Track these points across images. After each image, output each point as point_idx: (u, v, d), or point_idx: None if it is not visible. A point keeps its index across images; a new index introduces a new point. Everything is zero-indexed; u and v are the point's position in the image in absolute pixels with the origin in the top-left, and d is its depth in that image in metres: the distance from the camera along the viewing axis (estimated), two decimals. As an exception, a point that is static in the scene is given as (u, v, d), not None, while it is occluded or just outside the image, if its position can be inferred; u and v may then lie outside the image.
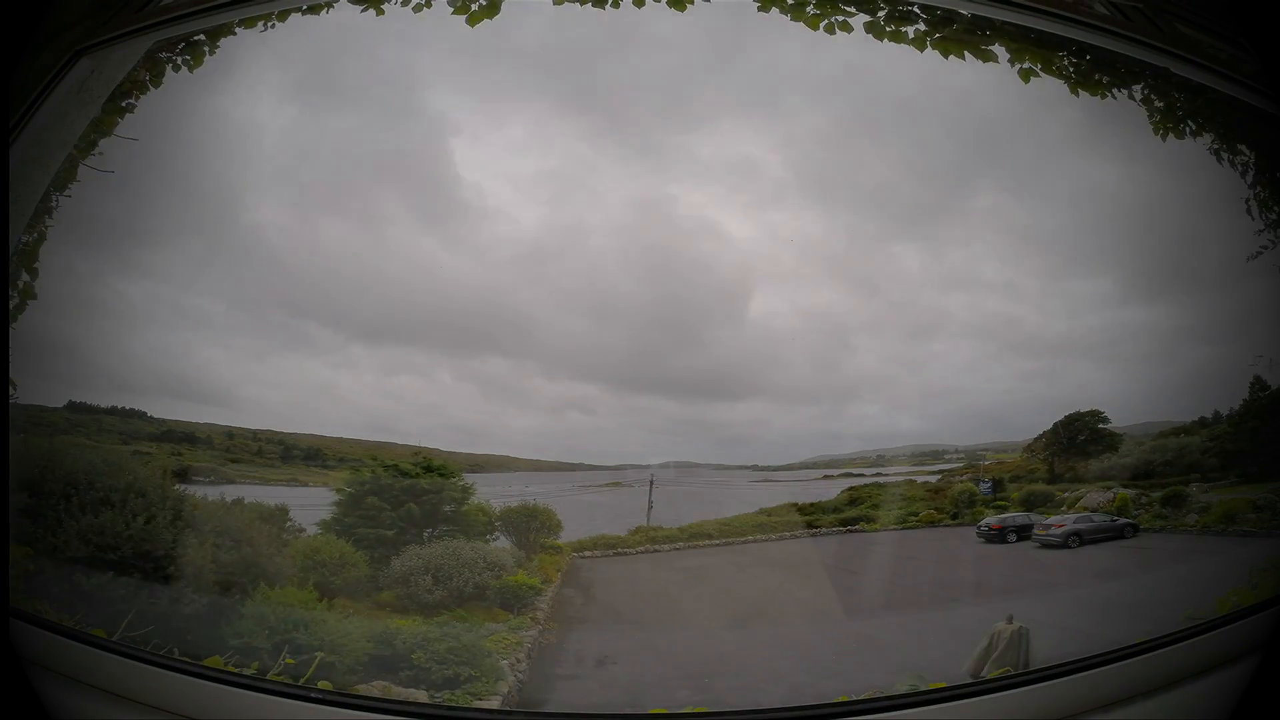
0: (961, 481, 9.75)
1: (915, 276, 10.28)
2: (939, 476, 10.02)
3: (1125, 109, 4.01)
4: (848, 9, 3.71)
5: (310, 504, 7.99)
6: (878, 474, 10.51)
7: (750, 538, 9.56)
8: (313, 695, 2.30)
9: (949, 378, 9.99)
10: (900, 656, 6.39)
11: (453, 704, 5.20)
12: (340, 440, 9.54)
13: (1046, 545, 8.49)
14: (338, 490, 7.99)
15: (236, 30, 3.79)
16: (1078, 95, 3.89)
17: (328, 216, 9.72)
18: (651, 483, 9.75)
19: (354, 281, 9.81)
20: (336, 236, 9.73)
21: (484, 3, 3.62)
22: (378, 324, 10.14)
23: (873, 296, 10.57)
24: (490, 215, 10.26)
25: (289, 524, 7.38)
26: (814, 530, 9.66)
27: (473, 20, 3.67)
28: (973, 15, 3.57)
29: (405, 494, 7.89)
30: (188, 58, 3.87)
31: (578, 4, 3.71)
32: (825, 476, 10.60)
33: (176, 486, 6.42)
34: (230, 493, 7.16)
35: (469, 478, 8.43)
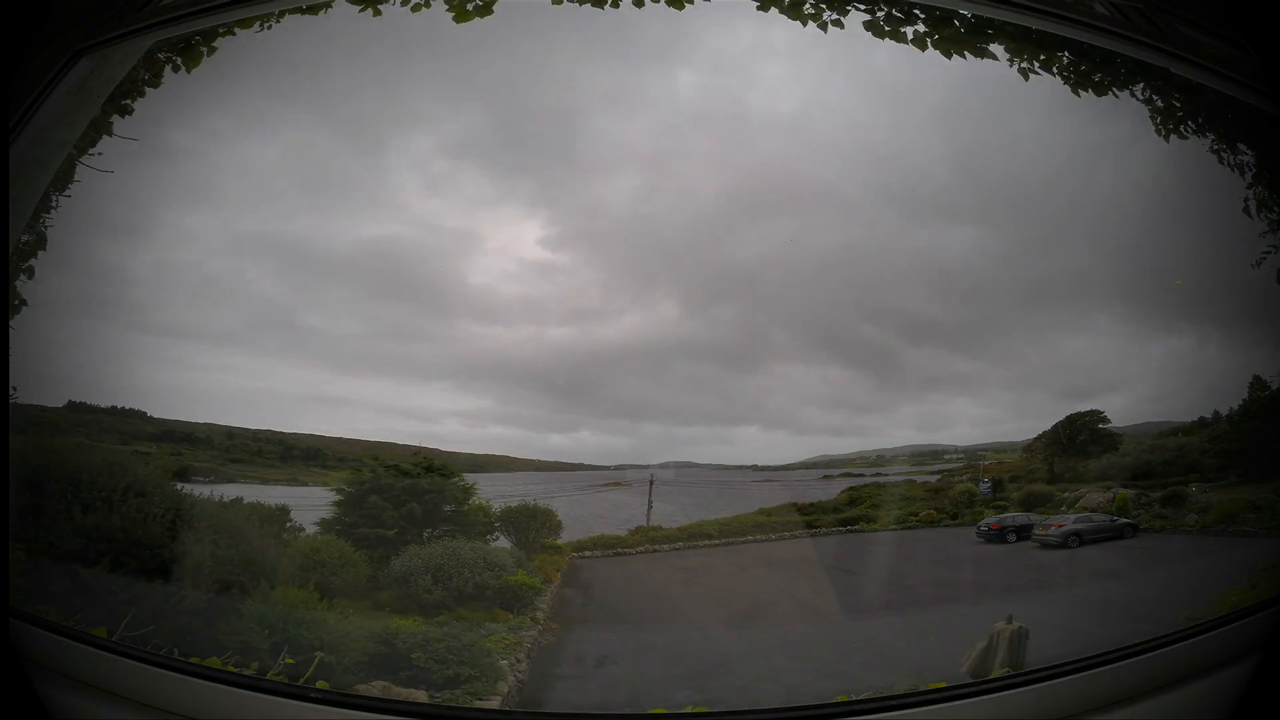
0: (961, 481, 9.76)
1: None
2: (939, 476, 10.02)
3: (1126, 109, 4.03)
4: (846, 8, 3.71)
5: (310, 504, 7.99)
6: (877, 474, 10.51)
7: (750, 538, 9.56)
8: (312, 695, 2.31)
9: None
10: (900, 656, 6.39)
11: (453, 704, 5.20)
12: (340, 440, 9.55)
13: (1046, 545, 8.49)
14: (338, 490, 7.99)
15: (236, 31, 3.79)
16: (1079, 96, 3.89)
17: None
18: (651, 482, 9.76)
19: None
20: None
21: (480, 2, 3.62)
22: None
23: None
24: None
25: (289, 524, 7.38)
26: (814, 530, 9.66)
27: (461, 18, 3.67)
28: (973, 15, 3.57)
29: (407, 494, 7.89)
30: (187, 58, 3.87)
31: (577, 4, 3.71)
32: (825, 476, 10.60)
33: (177, 486, 6.43)
34: (230, 492, 7.16)
35: (469, 477, 8.43)
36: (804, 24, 3.71)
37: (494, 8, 3.65)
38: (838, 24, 3.73)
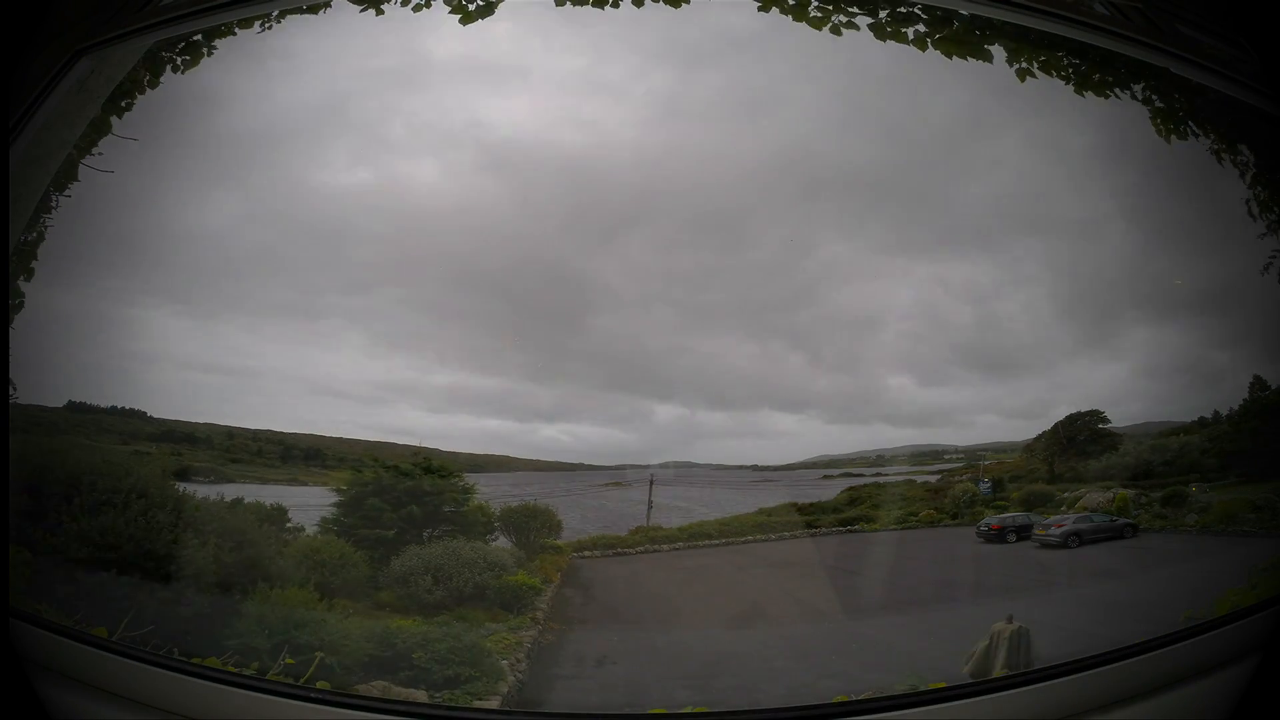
0: (961, 481, 9.75)
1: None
2: (939, 476, 10.01)
3: (1127, 109, 4.03)
4: (851, 10, 3.71)
5: (310, 504, 7.99)
6: (877, 474, 10.50)
7: (750, 538, 9.56)
8: (313, 695, 2.31)
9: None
10: (900, 656, 6.39)
11: (453, 704, 5.20)
12: (340, 440, 9.54)
13: (1046, 545, 8.49)
14: (338, 490, 7.99)
15: (236, 31, 3.79)
16: (1083, 96, 3.90)
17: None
18: (651, 482, 9.76)
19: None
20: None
21: (481, 3, 3.63)
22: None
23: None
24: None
25: (289, 524, 7.38)
26: (814, 530, 9.66)
27: (466, 19, 3.68)
28: (972, 15, 3.57)
29: (406, 495, 7.89)
30: (187, 58, 3.87)
31: (575, 4, 3.71)
32: (825, 476, 10.60)
33: (177, 486, 6.43)
34: (230, 492, 7.16)
35: (469, 477, 8.42)
36: (816, 28, 3.71)
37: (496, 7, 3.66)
38: (851, 26, 3.72)
